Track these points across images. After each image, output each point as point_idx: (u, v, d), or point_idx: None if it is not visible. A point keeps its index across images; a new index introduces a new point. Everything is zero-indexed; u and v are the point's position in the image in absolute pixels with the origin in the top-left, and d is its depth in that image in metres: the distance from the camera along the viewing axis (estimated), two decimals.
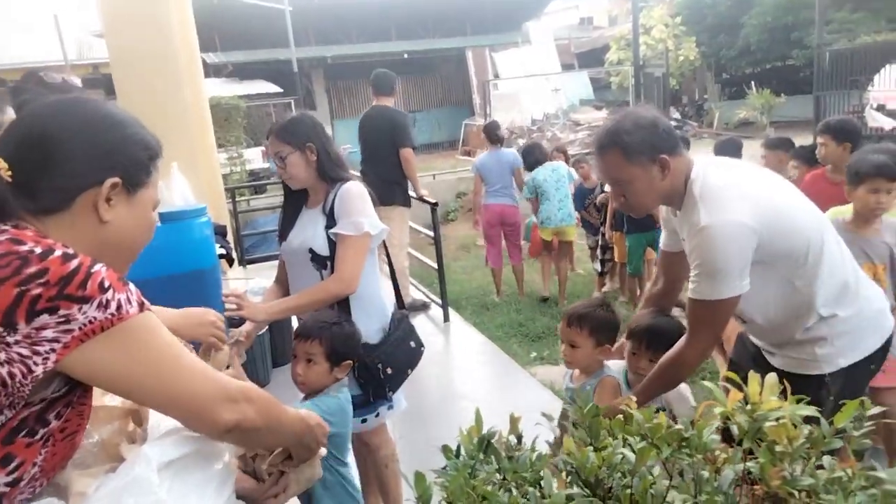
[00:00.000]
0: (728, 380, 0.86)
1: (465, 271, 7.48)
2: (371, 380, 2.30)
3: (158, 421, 1.03)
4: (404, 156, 5.03)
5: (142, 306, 0.94)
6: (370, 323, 2.34)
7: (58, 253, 0.87)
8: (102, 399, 1.05)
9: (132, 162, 1.02)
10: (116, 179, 0.98)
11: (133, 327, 0.91)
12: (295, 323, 4.17)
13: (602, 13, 30.34)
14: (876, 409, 0.91)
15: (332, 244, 2.28)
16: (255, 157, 12.90)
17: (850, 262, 1.85)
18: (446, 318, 5.13)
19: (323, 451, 1.35)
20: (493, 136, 6.31)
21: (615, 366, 2.16)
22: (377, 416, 2.40)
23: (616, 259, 5.84)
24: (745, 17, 19.53)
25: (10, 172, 0.93)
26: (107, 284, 0.89)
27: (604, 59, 19.92)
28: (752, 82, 18.67)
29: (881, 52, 11.62)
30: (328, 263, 2.30)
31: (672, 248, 2.03)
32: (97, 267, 0.89)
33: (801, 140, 4.73)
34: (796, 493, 0.77)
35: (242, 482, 1.27)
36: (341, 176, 2.34)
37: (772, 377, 0.86)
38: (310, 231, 2.33)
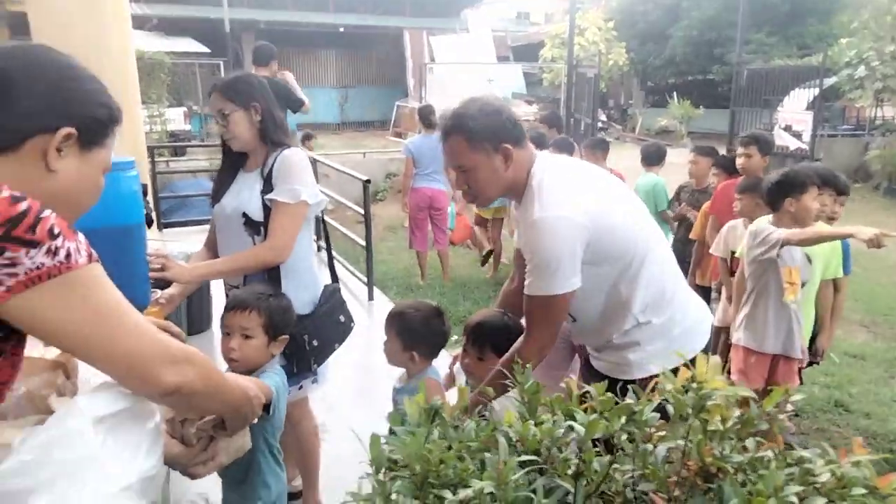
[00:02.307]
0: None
1: (392, 252, 7.45)
2: (297, 351, 2.26)
3: (89, 375, 0.98)
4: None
5: (90, 257, 0.91)
6: (300, 294, 2.30)
7: (5, 193, 0.84)
8: (31, 350, 0.98)
9: (91, 118, 1.00)
10: (71, 130, 0.96)
11: (80, 278, 0.88)
12: (213, 290, 4.05)
13: (539, 9, 30.75)
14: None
15: (268, 210, 2.22)
16: (176, 118, 12.29)
17: (672, 270, 1.88)
18: (371, 297, 5.10)
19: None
20: (426, 120, 6.31)
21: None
22: (300, 388, 2.36)
23: None
24: (673, 28, 20.37)
25: None
26: (56, 231, 0.86)
27: (538, 54, 20.23)
28: (675, 92, 19.52)
29: (791, 76, 12.41)
30: (262, 229, 2.23)
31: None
32: (47, 212, 0.86)
33: None
34: (730, 468, 0.82)
35: (170, 447, 1.22)
36: (283, 141, 2.28)
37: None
38: (245, 195, 2.26)
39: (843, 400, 3.93)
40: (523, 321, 1.96)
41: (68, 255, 0.86)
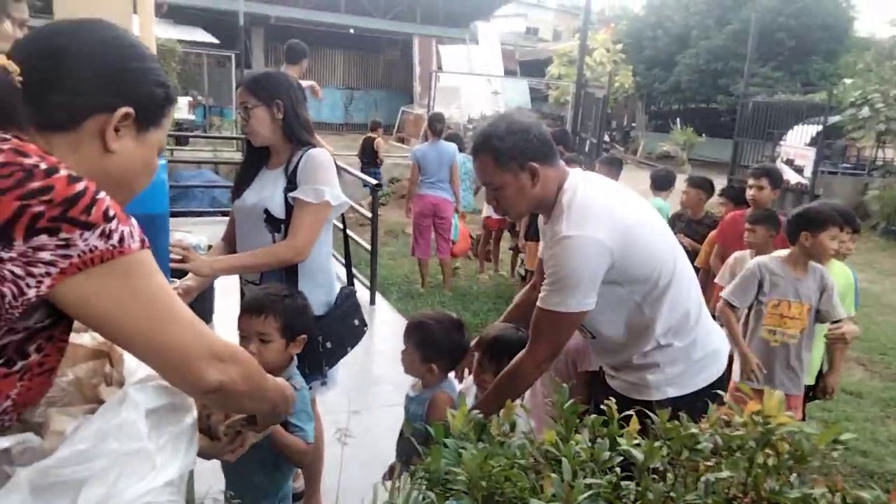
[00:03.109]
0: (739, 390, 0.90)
1: (392, 257, 7.42)
2: (309, 352, 2.24)
3: (135, 366, 0.96)
4: None
5: (143, 243, 0.89)
6: (316, 294, 2.28)
7: (63, 173, 0.82)
8: (75, 337, 0.97)
9: (149, 98, 0.97)
10: (129, 110, 0.94)
11: (132, 263, 0.86)
12: (216, 284, 4.01)
13: (548, 26, 30.99)
14: None
15: (290, 208, 2.21)
16: (182, 107, 12.25)
17: (697, 296, 1.89)
18: (372, 302, 5.09)
19: None
20: (434, 127, 6.31)
21: None
22: (309, 389, 2.34)
23: (528, 266, 5.95)
24: (680, 56, 20.58)
25: (20, 78, 0.87)
26: (111, 213, 0.84)
27: (545, 70, 20.34)
28: (678, 119, 19.69)
29: (794, 111, 12.53)
30: (282, 227, 2.22)
31: None
32: (102, 194, 0.84)
33: (715, 181, 5.05)
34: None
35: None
36: (308, 140, 2.28)
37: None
38: (268, 191, 2.24)
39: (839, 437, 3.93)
40: None
41: (121, 240, 0.84)
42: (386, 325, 4.78)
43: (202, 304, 3.97)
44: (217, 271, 2.18)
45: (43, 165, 0.81)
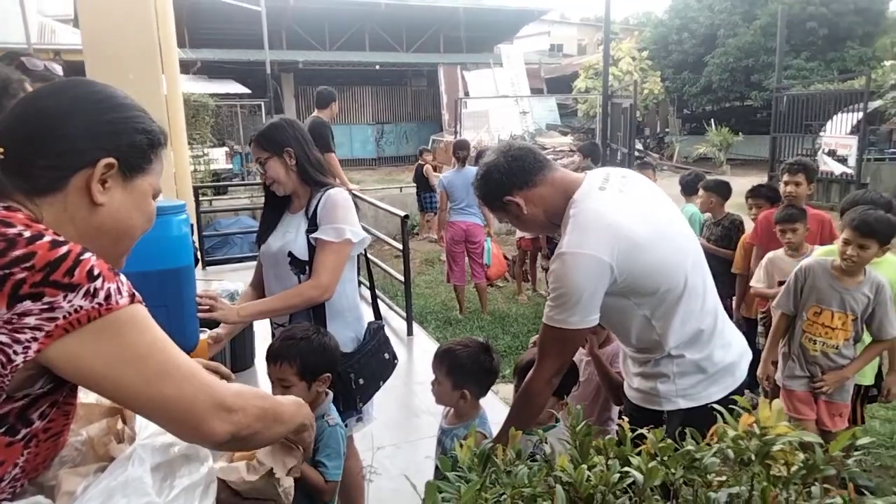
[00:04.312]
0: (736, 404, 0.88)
1: (429, 286, 7.46)
2: (342, 389, 2.27)
3: (147, 421, 0.99)
4: (329, 160, 5.57)
5: (132, 298, 0.88)
6: (344, 331, 2.31)
7: (47, 238, 0.83)
8: (87, 396, 1.01)
9: (129, 145, 0.97)
10: (111, 160, 0.94)
11: (121, 320, 0.85)
12: (257, 327, 4.11)
13: (572, 41, 31.07)
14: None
15: (312, 249, 2.25)
16: (219, 157, 12.70)
17: (713, 309, 1.81)
18: (410, 332, 5.10)
19: None
20: (458, 154, 6.39)
21: None
22: (345, 426, 2.36)
23: None
24: (708, 56, 20.30)
25: (1, 150, 0.89)
26: (96, 272, 0.84)
27: (572, 85, 20.33)
28: (712, 119, 19.34)
29: (833, 101, 12.17)
30: (307, 268, 2.26)
31: None
32: (87, 255, 0.85)
33: (755, 179, 4.93)
34: None
35: None
36: (324, 181, 2.32)
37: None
38: (291, 234, 2.30)
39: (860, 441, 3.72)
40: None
41: (108, 297, 0.83)
42: (424, 356, 4.77)
43: (242, 349, 4.06)
44: (245, 318, 2.24)
45: (27, 234, 0.82)
